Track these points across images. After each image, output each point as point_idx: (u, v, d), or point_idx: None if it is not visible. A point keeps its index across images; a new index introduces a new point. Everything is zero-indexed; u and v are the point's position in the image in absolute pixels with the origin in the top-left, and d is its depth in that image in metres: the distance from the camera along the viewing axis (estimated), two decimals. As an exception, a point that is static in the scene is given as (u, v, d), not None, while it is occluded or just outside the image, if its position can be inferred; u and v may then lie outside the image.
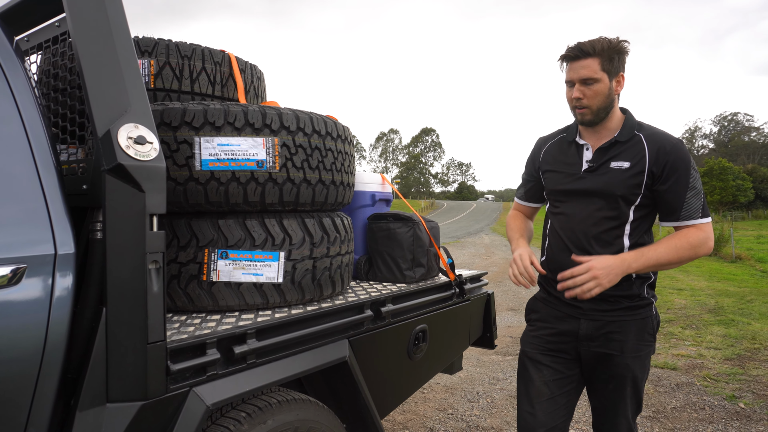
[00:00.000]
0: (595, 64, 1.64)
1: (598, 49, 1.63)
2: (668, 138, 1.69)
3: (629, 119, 1.74)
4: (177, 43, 1.96)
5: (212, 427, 1.49)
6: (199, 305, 1.69)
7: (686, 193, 1.64)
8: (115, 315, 1.22)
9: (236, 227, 1.69)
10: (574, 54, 1.66)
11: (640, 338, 1.73)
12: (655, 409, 3.69)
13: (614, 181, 1.68)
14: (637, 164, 1.67)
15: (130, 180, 1.22)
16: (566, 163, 1.81)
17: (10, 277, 1.08)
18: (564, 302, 1.80)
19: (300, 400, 1.69)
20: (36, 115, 1.25)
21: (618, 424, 1.81)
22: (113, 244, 1.22)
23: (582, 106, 1.68)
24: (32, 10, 1.50)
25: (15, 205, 1.15)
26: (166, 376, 1.30)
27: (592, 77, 1.64)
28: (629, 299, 1.73)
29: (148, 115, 1.30)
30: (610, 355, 1.74)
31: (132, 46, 1.34)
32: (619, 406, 1.79)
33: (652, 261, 1.62)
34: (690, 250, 1.63)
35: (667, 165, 1.64)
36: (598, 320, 1.75)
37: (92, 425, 1.20)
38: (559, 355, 1.83)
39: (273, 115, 1.70)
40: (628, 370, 1.73)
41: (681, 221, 1.66)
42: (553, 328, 1.84)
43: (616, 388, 1.77)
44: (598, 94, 1.66)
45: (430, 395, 3.94)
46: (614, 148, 1.71)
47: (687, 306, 7.41)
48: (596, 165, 1.72)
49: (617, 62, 1.66)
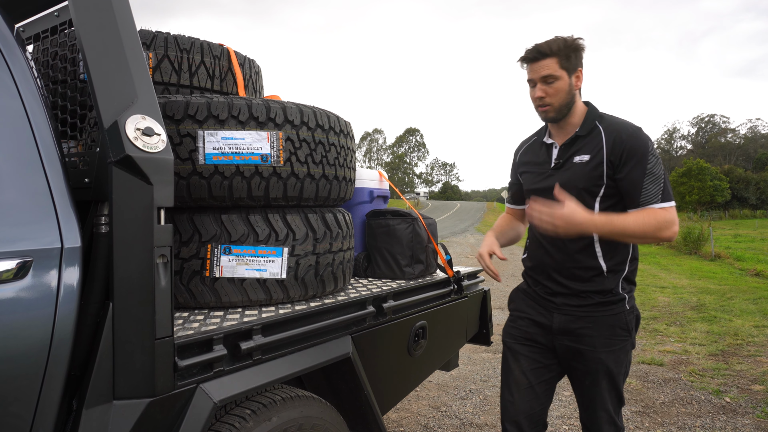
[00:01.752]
0: (554, 63, 1.70)
1: (555, 48, 1.69)
2: (625, 126, 1.72)
3: (591, 112, 1.79)
4: (176, 36, 1.93)
5: (218, 425, 1.47)
6: (202, 301, 1.66)
7: (644, 179, 1.66)
8: (122, 310, 1.20)
9: (239, 222, 1.66)
10: (532, 55, 1.73)
11: (612, 333, 1.75)
12: (644, 405, 3.74)
13: (576, 175, 1.74)
14: (596, 156, 1.71)
15: (137, 172, 1.19)
16: (537, 163, 1.89)
17: (17, 270, 1.05)
18: (540, 296, 1.87)
19: (304, 397, 1.68)
20: (39, 106, 1.21)
21: (599, 417, 1.83)
22: (120, 238, 1.19)
23: (544, 104, 1.74)
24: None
25: (20, 199, 1.12)
26: (174, 373, 1.27)
27: (552, 75, 1.70)
28: (601, 294, 1.75)
29: (155, 107, 1.28)
30: (582, 350, 1.76)
31: (137, 35, 1.31)
32: (597, 401, 1.80)
33: (617, 228, 1.63)
34: (656, 227, 1.62)
35: (624, 152, 1.67)
36: (569, 314, 1.78)
37: (99, 423, 1.17)
38: (536, 345, 1.88)
39: (277, 108, 1.68)
40: (601, 365, 1.75)
41: (641, 207, 1.66)
42: (529, 318, 1.90)
43: (592, 383, 1.79)
44: (559, 92, 1.72)
45: (423, 393, 3.95)
46: (576, 143, 1.77)
47: (670, 303, 7.54)
48: (562, 161, 1.79)
49: (574, 59, 1.72)
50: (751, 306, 7.14)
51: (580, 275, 1.75)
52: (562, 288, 1.79)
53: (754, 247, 16.66)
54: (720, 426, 3.36)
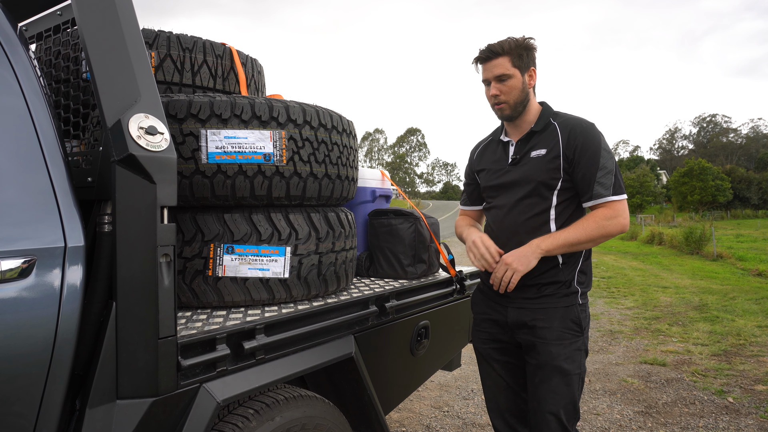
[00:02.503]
0: (506, 62, 1.74)
1: (507, 48, 1.74)
2: (579, 122, 1.77)
3: (545, 110, 1.83)
4: (178, 35, 1.93)
5: (221, 425, 1.47)
6: (204, 301, 1.66)
7: (597, 172, 1.70)
8: (125, 309, 1.19)
9: (242, 222, 1.66)
10: (485, 55, 1.77)
11: (563, 326, 1.74)
12: (647, 405, 3.73)
13: (534, 168, 1.77)
14: (552, 149, 1.75)
15: (141, 171, 1.19)
16: (494, 161, 1.91)
17: (21, 270, 1.05)
18: (495, 292, 1.87)
19: (307, 397, 1.68)
20: (43, 105, 1.21)
21: (547, 421, 1.70)
22: (123, 237, 1.19)
23: (499, 102, 1.79)
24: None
25: (24, 200, 1.12)
26: (177, 372, 1.27)
27: (505, 74, 1.75)
28: (554, 286, 1.76)
29: (159, 105, 1.27)
30: (535, 343, 1.76)
31: (140, 34, 1.31)
32: (547, 400, 1.71)
33: (560, 240, 1.68)
34: (598, 228, 1.67)
35: (578, 147, 1.71)
36: (523, 308, 1.79)
37: (102, 422, 1.17)
38: (502, 344, 1.90)
39: (280, 107, 1.68)
40: (552, 358, 1.71)
41: (593, 200, 1.71)
42: (489, 319, 1.91)
43: (542, 379, 1.72)
44: (513, 89, 1.76)
45: (426, 393, 3.94)
46: (532, 139, 1.80)
47: (672, 303, 7.53)
48: (519, 157, 1.82)
49: (527, 58, 1.76)
50: (754, 306, 7.13)
51: (536, 266, 1.72)
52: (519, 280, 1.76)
53: (756, 247, 16.62)
54: (723, 426, 3.35)
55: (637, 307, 7.33)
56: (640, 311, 7.01)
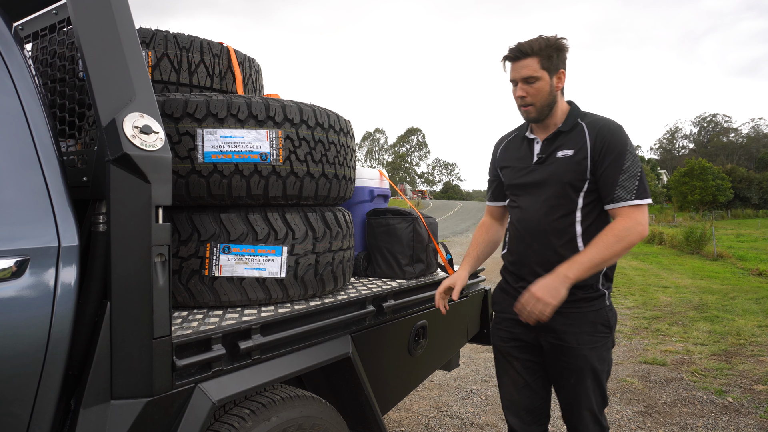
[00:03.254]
0: (535, 63, 1.69)
1: (536, 48, 1.69)
2: (607, 123, 1.73)
3: (573, 110, 1.80)
4: (175, 34, 1.92)
5: (216, 425, 1.46)
6: (201, 301, 1.66)
7: (620, 175, 1.67)
8: (119, 309, 1.19)
9: (239, 221, 1.66)
10: (514, 55, 1.72)
11: (594, 330, 1.74)
12: (647, 404, 3.73)
13: (561, 169, 1.74)
14: (580, 150, 1.72)
15: (135, 170, 1.19)
16: (519, 158, 1.88)
17: (14, 270, 1.04)
18: (519, 292, 1.81)
19: (303, 397, 1.67)
20: (37, 105, 1.21)
21: (584, 417, 1.81)
22: (118, 237, 1.18)
23: (526, 104, 1.75)
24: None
25: (17, 198, 1.11)
26: (172, 372, 1.27)
27: (533, 76, 1.70)
28: (582, 290, 1.74)
29: (154, 105, 1.27)
30: (566, 347, 1.76)
31: (135, 33, 1.30)
32: (582, 400, 1.79)
33: (586, 264, 1.61)
34: (618, 241, 1.62)
35: (604, 148, 1.69)
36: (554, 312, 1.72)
37: (96, 422, 1.17)
38: (524, 344, 1.88)
39: (276, 107, 1.67)
40: (586, 362, 1.74)
41: (614, 203, 1.67)
42: (512, 318, 1.88)
43: (577, 381, 1.78)
44: (540, 92, 1.72)
45: (425, 393, 3.94)
46: (559, 139, 1.77)
47: (672, 303, 7.52)
48: (545, 156, 1.78)
49: (556, 60, 1.71)
50: (754, 306, 7.12)
51: None
52: None
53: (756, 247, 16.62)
54: (722, 426, 3.34)
55: (637, 306, 7.32)
56: (640, 311, 7.00)
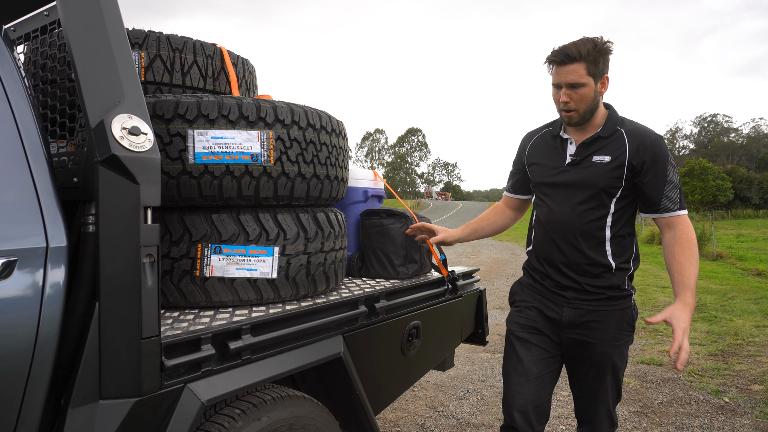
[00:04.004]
0: (582, 68, 1.66)
1: (584, 53, 1.65)
2: (648, 133, 1.74)
3: (612, 115, 1.79)
4: (168, 35, 1.93)
5: (207, 425, 1.47)
6: (192, 301, 1.66)
7: (665, 186, 1.71)
8: (108, 310, 1.20)
9: (230, 222, 1.66)
10: (560, 59, 1.68)
11: (619, 328, 1.79)
12: (643, 404, 3.73)
13: (596, 174, 1.74)
14: (618, 158, 1.72)
15: (124, 171, 1.19)
16: (551, 157, 1.86)
17: (1, 270, 1.05)
18: (549, 290, 1.87)
19: (294, 397, 1.68)
20: (26, 106, 1.21)
21: (599, 411, 1.86)
22: (106, 238, 1.19)
23: (569, 110, 1.73)
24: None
25: (5, 198, 1.12)
26: (161, 372, 1.27)
27: (579, 82, 1.67)
28: (611, 290, 1.78)
29: (143, 106, 1.28)
30: (590, 343, 1.79)
31: (125, 34, 1.31)
32: (599, 394, 1.84)
33: (692, 282, 1.66)
34: (695, 249, 1.70)
35: (647, 159, 1.70)
36: (580, 308, 1.80)
37: (85, 422, 1.17)
38: (543, 335, 1.88)
39: (267, 108, 1.68)
40: (608, 358, 1.79)
41: (661, 213, 1.74)
42: (537, 309, 1.89)
43: (597, 376, 1.82)
44: (585, 98, 1.70)
45: (421, 393, 3.94)
46: (597, 143, 1.76)
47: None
48: (579, 159, 1.78)
49: (602, 64, 1.69)
50: (752, 306, 7.12)
51: (590, 271, 1.77)
52: (573, 283, 1.80)
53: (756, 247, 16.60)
54: (718, 426, 3.34)
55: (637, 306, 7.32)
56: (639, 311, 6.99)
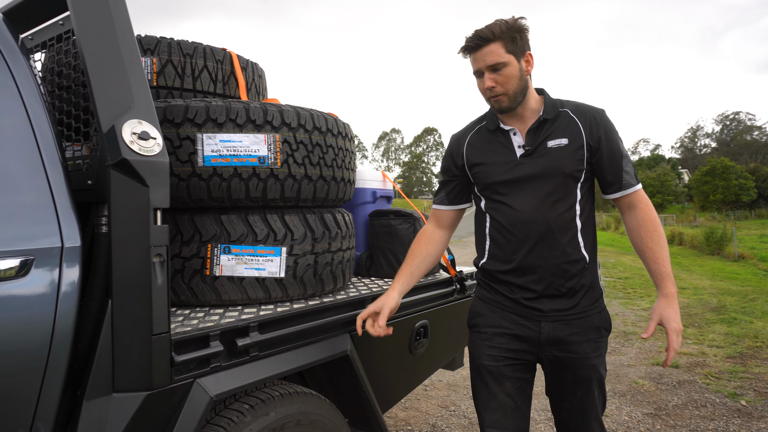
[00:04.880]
0: (499, 48, 1.55)
1: (498, 32, 1.55)
2: (594, 109, 1.66)
3: (549, 97, 1.68)
4: (179, 41, 1.99)
5: (216, 419, 1.51)
6: (203, 299, 1.71)
7: (622, 160, 1.63)
8: (120, 307, 1.25)
9: (239, 222, 1.71)
10: (474, 43, 1.57)
11: (598, 336, 1.66)
12: (657, 407, 3.70)
13: (556, 160, 1.60)
14: (575, 139, 1.61)
15: (134, 175, 1.24)
16: (497, 152, 1.68)
17: (18, 268, 1.10)
18: (522, 305, 1.66)
19: (302, 393, 1.71)
20: (42, 112, 1.27)
21: (592, 428, 1.71)
22: (118, 238, 1.24)
23: (496, 95, 1.59)
24: (36, 7, 1.52)
25: (22, 200, 1.18)
26: (171, 367, 1.32)
27: (499, 62, 1.55)
28: (583, 290, 1.64)
29: (152, 111, 1.33)
30: (575, 358, 1.63)
31: (135, 43, 1.36)
32: (589, 411, 1.69)
33: (668, 268, 1.58)
34: (659, 226, 1.62)
35: (602, 137, 1.61)
36: (558, 321, 1.64)
37: (99, 414, 1.22)
38: (519, 362, 1.69)
39: (274, 111, 1.72)
40: (594, 371, 1.65)
41: (624, 190, 1.63)
42: (509, 333, 1.68)
43: (584, 393, 1.67)
44: (510, 78, 1.57)
45: (433, 392, 3.96)
46: (545, 128, 1.63)
47: (689, 305, 7.41)
48: (532, 148, 1.62)
49: (521, 41, 1.58)
50: (774, 307, 6.98)
51: (568, 270, 1.61)
52: (550, 288, 1.62)
53: (780, 247, 16.24)
54: (734, 429, 3.30)
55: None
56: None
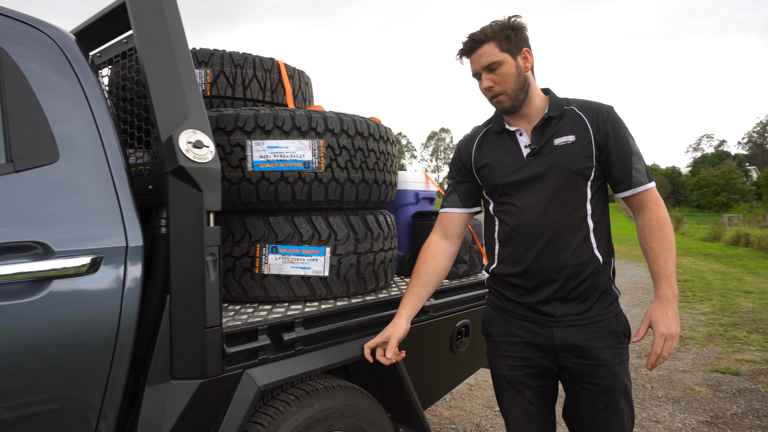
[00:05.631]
0: (492, 47, 1.56)
1: (490, 33, 1.56)
2: (601, 105, 1.62)
3: (553, 95, 1.66)
4: (230, 53, 2.11)
5: (264, 408, 1.61)
6: (252, 296, 1.82)
7: (632, 157, 1.58)
8: (177, 301, 1.36)
9: (285, 224, 1.80)
10: (469, 47, 1.59)
11: (617, 341, 1.60)
12: (713, 414, 3.55)
13: (565, 157, 1.57)
14: (583, 136, 1.58)
15: (189, 180, 1.35)
16: (504, 153, 1.66)
17: (89, 266, 1.23)
18: (532, 309, 1.63)
19: (345, 387, 1.79)
20: (108, 122, 1.40)
21: None
22: (175, 238, 1.35)
23: (496, 95, 1.59)
24: (104, 28, 1.67)
25: (92, 204, 1.31)
26: (222, 358, 1.42)
27: (494, 61, 1.56)
28: (597, 292, 1.60)
29: (205, 122, 1.43)
30: (596, 365, 1.57)
31: (190, 58, 1.48)
32: (614, 424, 1.59)
33: (672, 272, 1.53)
34: (670, 230, 1.57)
35: (609, 132, 1.58)
36: (573, 326, 1.59)
37: (159, 399, 1.34)
38: (537, 369, 1.66)
39: (318, 118, 1.81)
40: (618, 380, 1.58)
41: (633, 188, 1.59)
42: (523, 342, 1.66)
43: (607, 405, 1.58)
44: (507, 77, 1.57)
45: (478, 392, 3.97)
46: (551, 126, 1.60)
47: (754, 309, 7.02)
48: (539, 146, 1.60)
49: (516, 39, 1.57)
50: None
51: (580, 272, 1.57)
52: (562, 292, 1.58)
53: None
54: (798, 440, 3.14)
55: (713, 312, 6.90)
56: (716, 317, 6.60)
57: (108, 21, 1.65)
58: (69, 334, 1.22)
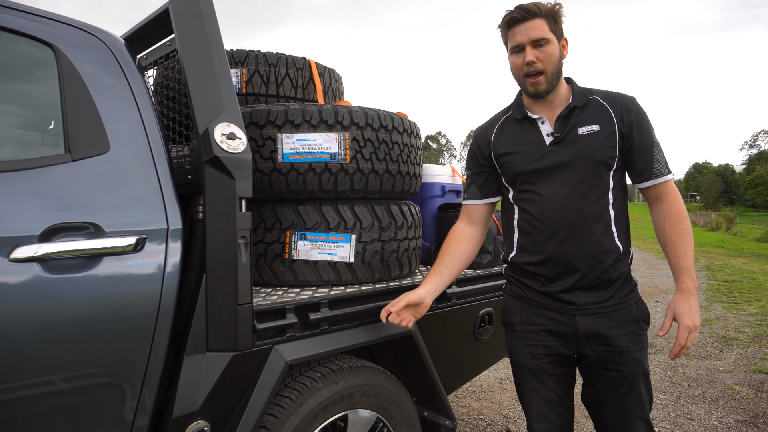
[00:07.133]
0: (544, 24, 1.54)
1: (544, 10, 1.55)
2: (625, 96, 1.63)
3: (577, 86, 1.66)
4: (265, 53, 2.25)
5: (292, 383, 1.73)
6: (282, 280, 1.94)
7: (653, 148, 1.60)
8: (212, 280, 1.49)
9: (313, 212, 1.92)
10: (521, 15, 1.55)
11: (638, 328, 1.62)
12: (753, 414, 3.47)
13: (588, 147, 1.57)
14: (607, 126, 1.59)
15: (223, 169, 1.48)
16: (525, 141, 1.65)
17: (135, 245, 1.38)
18: (554, 298, 1.64)
19: (369, 368, 1.89)
20: (153, 119, 1.55)
21: (639, 428, 1.63)
22: (211, 223, 1.49)
23: (536, 72, 1.56)
24: (150, 32, 1.83)
25: (138, 192, 1.45)
26: (253, 333, 1.55)
27: (544, 37, 1.53)
28: (619, 281, 1.62)
29: (238, 115, 1.56)
30: (618, 352, 1.59)
31: (225, 58, 1.61)
32: (636, 410, 1.62)
33: (689, 262, 1.56)
34: (686, 219, 1.60)
35: (633, 123, 1.59)
36: (596, 314, 1.60)
37: (196, 369, 1.47)
38: (558, 357, 1.68)
39: (344, 113, 1.91)
40: (639, 366, 1.60)
41: (654, 179, 1.61)
42: (544, 330, 1.67)
43: (630, 390, 1.60)
44: (551, 57, 1.55)
45: (508, 385, 4.00)
46: (575, 115, 1.61)
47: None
48: (561, 135, 1.60)
49: (560, 25, 1.59)
50: None
51: (602, 260, 1.58)
52: (585, 280, 1.60)
53: None
54: (842, 442, 3.03)
55: (761, 313, 6.64)
56: (765, 318, 6.35)
57: (153, 26, 1.81)
58: (118, 307, 1.36)
